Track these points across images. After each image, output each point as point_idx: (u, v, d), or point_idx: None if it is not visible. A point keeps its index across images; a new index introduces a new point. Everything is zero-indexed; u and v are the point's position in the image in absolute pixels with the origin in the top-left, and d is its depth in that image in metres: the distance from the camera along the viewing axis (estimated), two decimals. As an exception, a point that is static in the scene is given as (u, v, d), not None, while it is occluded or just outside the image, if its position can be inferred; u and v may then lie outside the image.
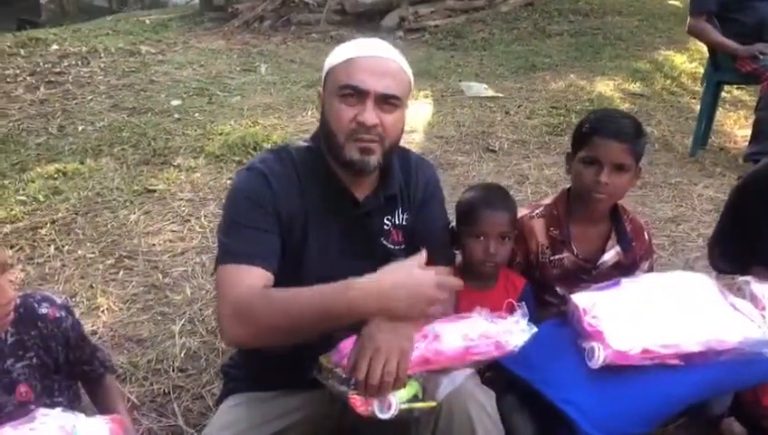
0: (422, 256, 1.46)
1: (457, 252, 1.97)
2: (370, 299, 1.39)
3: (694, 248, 3.25)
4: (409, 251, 1.75)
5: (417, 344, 1.49)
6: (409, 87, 1.66)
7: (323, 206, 1.66)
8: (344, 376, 1.47)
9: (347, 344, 1.50)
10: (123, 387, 2.24)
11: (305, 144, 1.74)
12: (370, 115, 1.55)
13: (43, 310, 1.57)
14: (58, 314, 1.58)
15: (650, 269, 2.16)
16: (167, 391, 2.26)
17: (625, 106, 5.33)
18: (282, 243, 1.61)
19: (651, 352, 1.64)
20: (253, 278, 1.52)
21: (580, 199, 2.00)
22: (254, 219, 1.59)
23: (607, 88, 5.79)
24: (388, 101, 1.58)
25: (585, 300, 1.78)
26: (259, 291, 1.49)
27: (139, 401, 2.21)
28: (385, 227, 1.74)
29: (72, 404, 1.63)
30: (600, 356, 1.63)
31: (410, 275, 1.41)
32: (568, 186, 2.10)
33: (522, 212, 2.08)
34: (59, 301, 1.62)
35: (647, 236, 2.14)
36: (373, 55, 1.59)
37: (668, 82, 6.04)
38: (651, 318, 1.71)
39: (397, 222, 1.75)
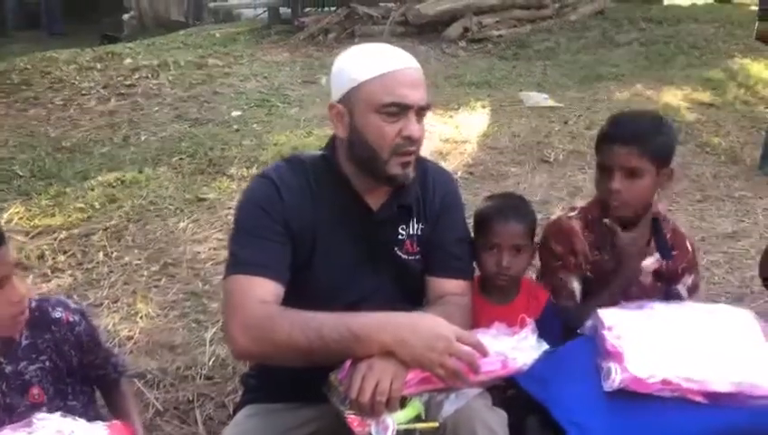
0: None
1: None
2: (391, 329, 1.41)
3: (752, 266, 3.03)
4: (424, 262, 1.72)
5: None
6: None
7: (336, 214, 1.65)
8: (343, 395, 1.45)
9: (351, 362, 1.47)
10: (150, 393, 2.29)
11: (319, 153, 1.72)
12: (417, 128, 1.56)
13: (57, 314, 1.59)
14: (71, 319, 1.61)
15: (695, 285, 2.05)
16: (191, 398, 2.28)
17: (693, 116, 5.13)
18: (292, 252, 1.60)
19: (672, 384, 1.52)
20: (265, 291, 1.51)
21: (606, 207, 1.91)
22: (264, 229, 1.58)
23: (674, 98, 5.57)
24: (422, 112, 1.58)
25: (612, 317, 1.68)
26: (277, 307, 1.49)
27: (164, 407, 2.24)
28: (399, 236, 1.70)
29: (87, 408, 1.65)
30: (616, 379, 1.53)
31: (435, 321, 1.45)
32: None
33: (557, 214, 2.01)
34: (73, 305, 1.65)
35: (689, 247, 2.03)
36: (405, 67, 1.56)
37: (742, 91, 5.79)
38: (679, 348, 1.58)
39: (411, 232, 1.71)
